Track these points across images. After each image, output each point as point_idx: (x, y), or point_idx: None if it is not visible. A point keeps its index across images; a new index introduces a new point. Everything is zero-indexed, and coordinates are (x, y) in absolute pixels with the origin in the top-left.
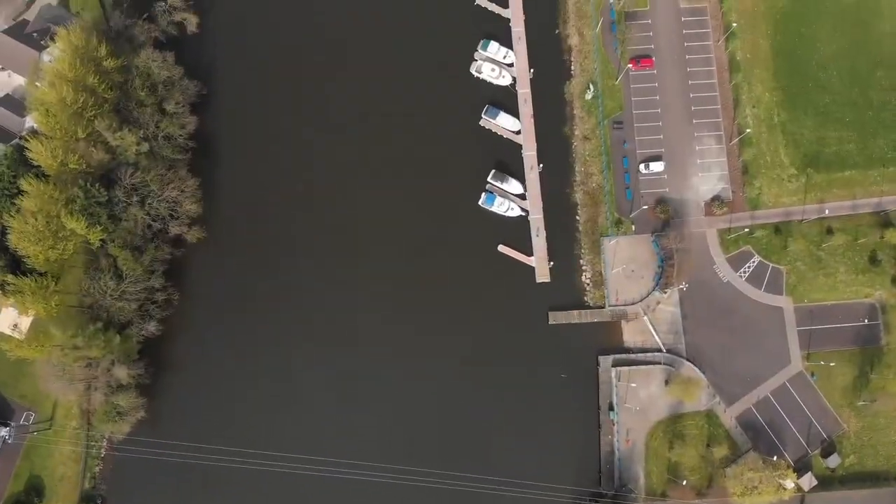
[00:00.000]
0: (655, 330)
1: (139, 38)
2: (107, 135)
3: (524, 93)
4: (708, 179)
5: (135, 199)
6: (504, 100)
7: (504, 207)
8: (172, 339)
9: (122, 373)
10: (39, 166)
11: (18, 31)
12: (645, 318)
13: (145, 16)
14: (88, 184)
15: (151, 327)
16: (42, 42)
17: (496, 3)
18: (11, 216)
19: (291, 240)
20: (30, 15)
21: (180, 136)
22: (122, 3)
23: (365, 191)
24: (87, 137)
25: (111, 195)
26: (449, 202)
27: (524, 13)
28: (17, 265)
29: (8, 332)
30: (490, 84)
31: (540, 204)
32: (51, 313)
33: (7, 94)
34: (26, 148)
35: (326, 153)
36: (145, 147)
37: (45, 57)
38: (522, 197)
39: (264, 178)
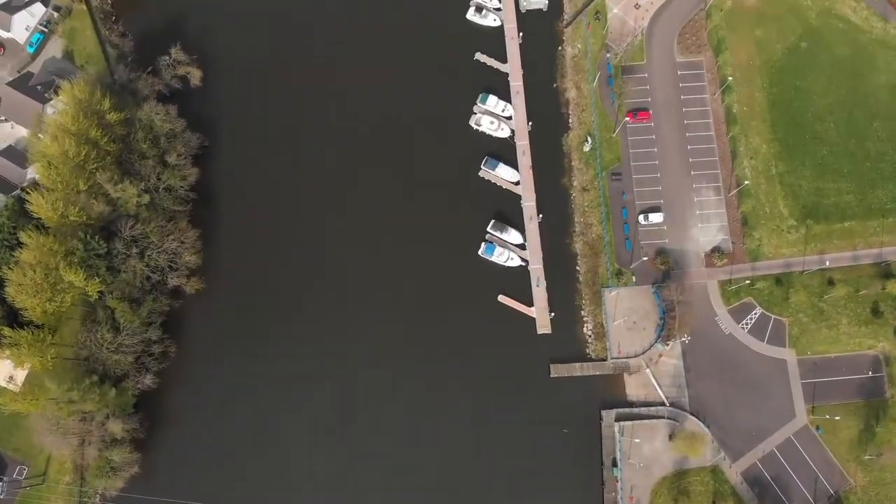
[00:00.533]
0: (658, 383)
1: (142, 91)
2: (108, 187)
3: (523, 145)
4: (707, 230)
5: (134, 250)
6: (503, 151)
7: (504, 257)
8: (168, 392)
9: (116, 427)
10: (40, 218)
11: (23, 83)
12: (647, 370)
13: (149, 69)
14: (88, 236)
15: (147, 380)
16: (46, 95)
17: (494, 58)
18: (10, 268)
19: (290, 292)
20: (34, 67)
21: (181, 187)
22: (126, 56)
23: (365, 242)
24: (88, 190)
25: (110, 247)
26: (449, 252)
27: (522, 68)
28: (13, 317)
29: (3, 384)
30: (489, 136)
31: (540, 254)
32: (46, 366)
33: (9, 146)
34: (27, 200)
35: (326, 205)
36: (146, 199)
37: (49, 110)
38: (522, 247)
39: (264, 229)
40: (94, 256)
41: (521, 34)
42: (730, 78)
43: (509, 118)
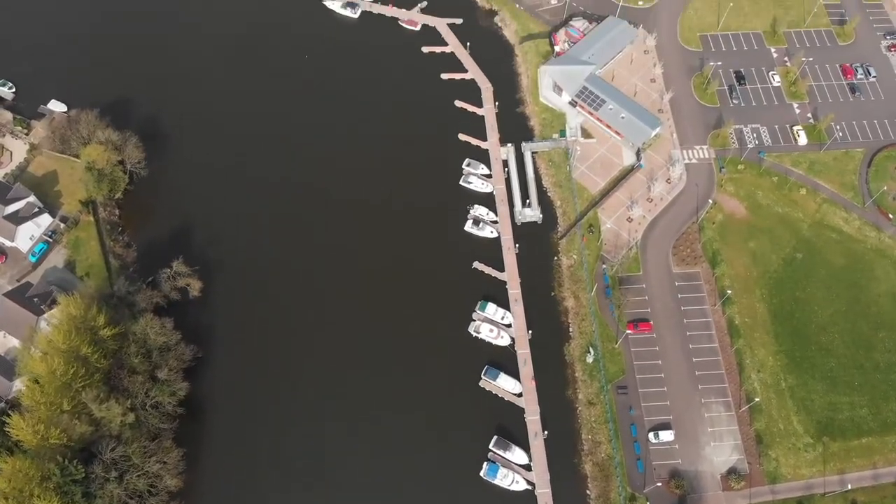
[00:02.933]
0: None
1: (140, 304)
2: (93, 406)
3: (523, 353)
4: (721, 449)
5: (113, 474)
6: (504, 360)
7: (508, 480)
8: None
9: None
10: (19, 441)
11: (20, 293)
12: None
13: (150, 279)
14: (66, 460)
15: None
16: (42, 307)
17: (493, 267)
18: None
19: None
20: (35, 276)
21: (170, 403)
22: (128, 267)
23: (360, 472)
24: (72, 409)
25: (89, 471)
26: (448, 473)
27: (520, 276)
28: None
29: None
30: (489, 345)
31: (547, 476)
32: None
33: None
34: (6, 422)
35: (322, 429)
36: (131, 418)
37: (42, 323)
38: (527, 468)
39: (252, 451)
40: (70, 482)
41: (517, 245)
42: (728, 291)
43: (509, 326)
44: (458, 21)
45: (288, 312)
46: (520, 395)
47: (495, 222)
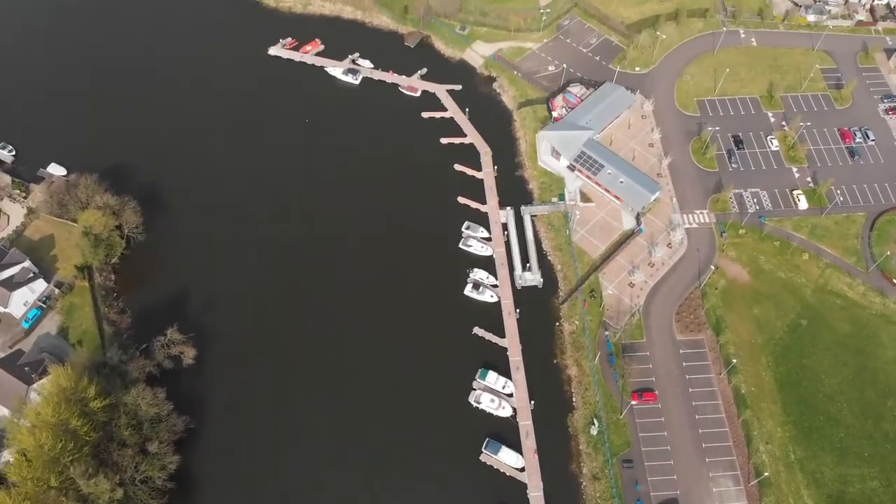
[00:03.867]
0: None
1: (132, 373)
2: (80, 482)
3: (526, 425)
4: None
5: None
6: (505, 432)
7: None
8: None
9: None
10: None
11: (12, 361)
12: None
13: (143, 346)
14: None
15: None
16: (33, 376)
17: (493, 333)
18: None
19: None
20: (27, 343)
21: (160, 477)
22: (121, 334)
23: None
24: (59, 486)
25: None
26: None
27: (521, 343)
28: None
29: None
30: (490, 415)
31: None
32: None
33: None
34: None
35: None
36: (119, 493)
37: (33, 393)
38: None
39: None
40: None
41: (518, 310)
42: (734, 360)
43: (510, 395)
44: (458, 87)
45: (283, 382)
46: (522, 469)
47: (495, 286)
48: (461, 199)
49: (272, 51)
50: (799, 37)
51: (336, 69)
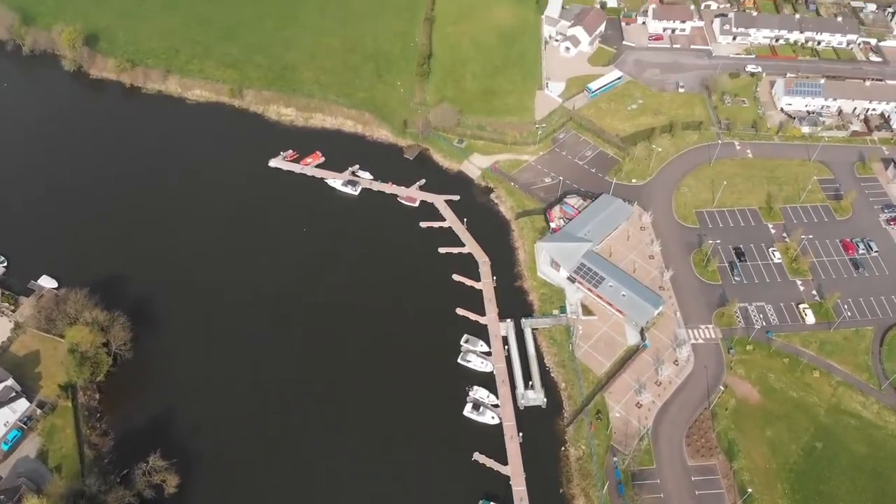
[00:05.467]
0: None
1: None
2: None
3: None
4: None
5: None
6: None
7: None
8: None
9: None
10: None
11: None
12: None
13: (124, 473)
14: None
15: None
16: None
17: (495, 459)
18: None
19: None
20: (5, 467)
21: None
22: (103, 458)
23: None
24: None
25: None
26: None
27: (524, 471)
28: None
29: None
30: None
31: None
32: None
33: None
34: None
35: None
36: None
37: None
38: None
39: None
40: None
41: (520, 433)
42: (749, 489)
43: None
44: (456, 197)
45: None
46: None
47: (496, 406)
48: (460, 311)
49: (272, 163)
50: (794, 148)
51: (336, 181)
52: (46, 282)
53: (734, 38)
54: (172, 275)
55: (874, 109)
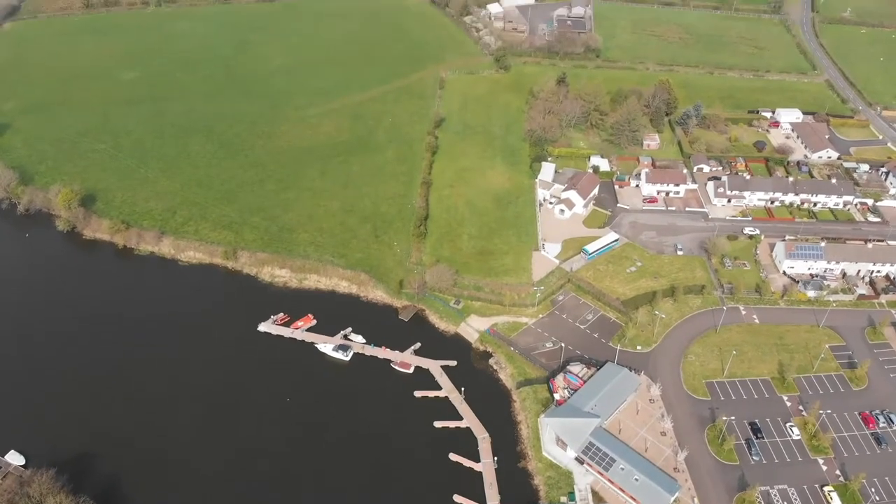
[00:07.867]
0: None
1: None
2: None
3: None
4: None
5: None
6: None
7: None
8: None
9: None
10: None
11: None
12: None
13: None
14: None
15: None
16: None
17: None
18: None
19: None
20: None
21: None
22: None
23: None
24: None
25: None
26: None
27: None
28: None
29: None
30: None
31: None
32: None
33: None
34: None
35: None
36: None
37: None
38: None
39: None
40: None
41: None
42: None
43: None
44: (453, 363)
45: None
46: None
47: None
48: (457, 499)
49: (262, 327)
50: (801, 313)
51: (326, 345)
52: (14, 457)
53: (729, 201)
54: (143, 453)
55: (878, 271)
